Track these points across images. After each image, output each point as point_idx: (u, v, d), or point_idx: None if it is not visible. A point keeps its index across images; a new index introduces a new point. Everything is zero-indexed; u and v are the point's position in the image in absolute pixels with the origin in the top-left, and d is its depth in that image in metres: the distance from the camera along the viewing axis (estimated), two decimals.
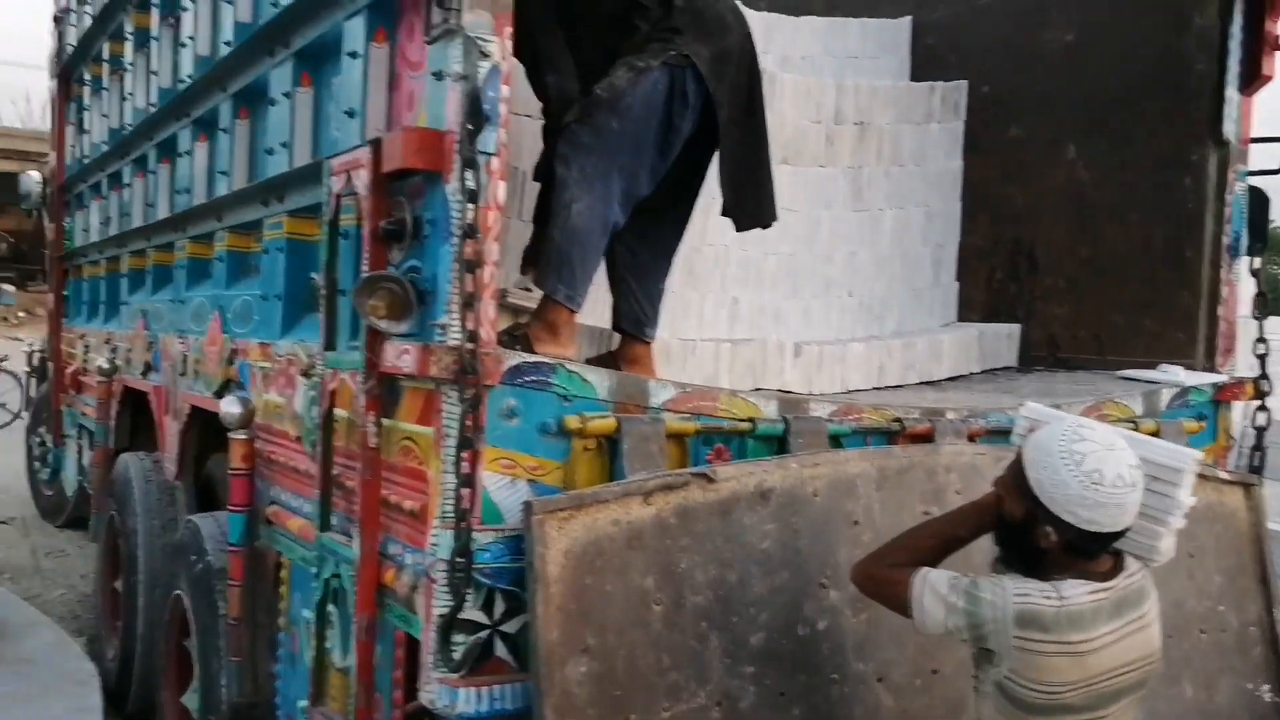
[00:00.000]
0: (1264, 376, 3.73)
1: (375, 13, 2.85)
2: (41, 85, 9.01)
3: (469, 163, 2.34)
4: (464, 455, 2.32)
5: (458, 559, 2.32)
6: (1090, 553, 2.18)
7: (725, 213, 3.26)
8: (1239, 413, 3.80)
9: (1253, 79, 3.72)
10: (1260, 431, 3.77)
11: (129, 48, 5.46)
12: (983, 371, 4.27)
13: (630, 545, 2.46)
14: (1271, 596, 3.48)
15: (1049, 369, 4.26)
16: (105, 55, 6.01)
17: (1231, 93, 3.73)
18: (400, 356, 2.46)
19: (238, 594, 3.42)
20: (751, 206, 3.28)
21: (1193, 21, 3.83)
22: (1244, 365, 3.88)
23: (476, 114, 2.36)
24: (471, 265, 2.33)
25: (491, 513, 2.45)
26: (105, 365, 5.52)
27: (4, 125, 25.93)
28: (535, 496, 2.44)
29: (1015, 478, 2.20)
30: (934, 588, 2.23)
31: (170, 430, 4.56)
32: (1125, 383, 3.73)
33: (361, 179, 2.64)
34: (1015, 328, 4.38)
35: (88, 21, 6.38)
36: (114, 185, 5.87)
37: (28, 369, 9.11)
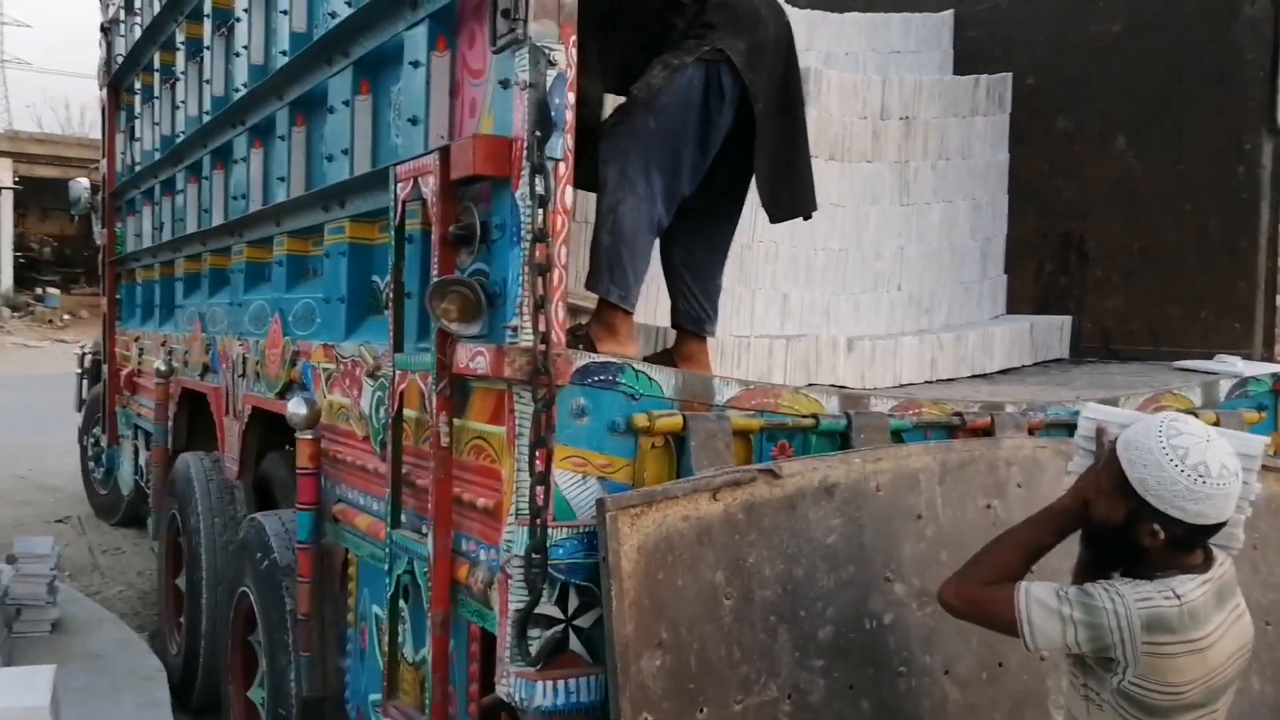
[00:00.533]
0: None
1: (437, 22, 2.92)
2: (81, 92, 9.17)
3: (538, 169, 2.39)
4: (538, 454, 2.37)
5: (533, 554, 2.38)
6: (1193, 547, 2.16)
7: (763, 205, 3.28)
8: None
9: None
10: None
11: (180, 57, 5.57)
12: (1034, 364, 4.28)
13: (700, 540, 2.50)
14: None
15: (1102, 361, 4.27)
16: (156, 65, 6.13)
17: None
18: (474, 359, 2.52)
19: (307, 590, 3.49)
20: (787, 198, 3.28)
21: (1242, 10, 3.83)
22: None
23: (545, 121, 2.41)
24: (542, 269, 2.38)
25: (564, 509, 2.50)
26: (163, 367, 5.63)
27: (45, 132, 26.34)
28: (606, 494, 2.49)
29: (1114, 480, 2.15)
30: (1041, 602, 2.17)
31: (231, 431, 4.65)
32: (1182, 374, 3.73)
33: (429, 185, 2.70)
34: (1066, 319, 4.39)
35: (137, 32, 6.50)
36: (166, 191, 5.98)
37: (79, 370, 9.28)
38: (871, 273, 4.21)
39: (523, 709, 2.45)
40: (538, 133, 2.40)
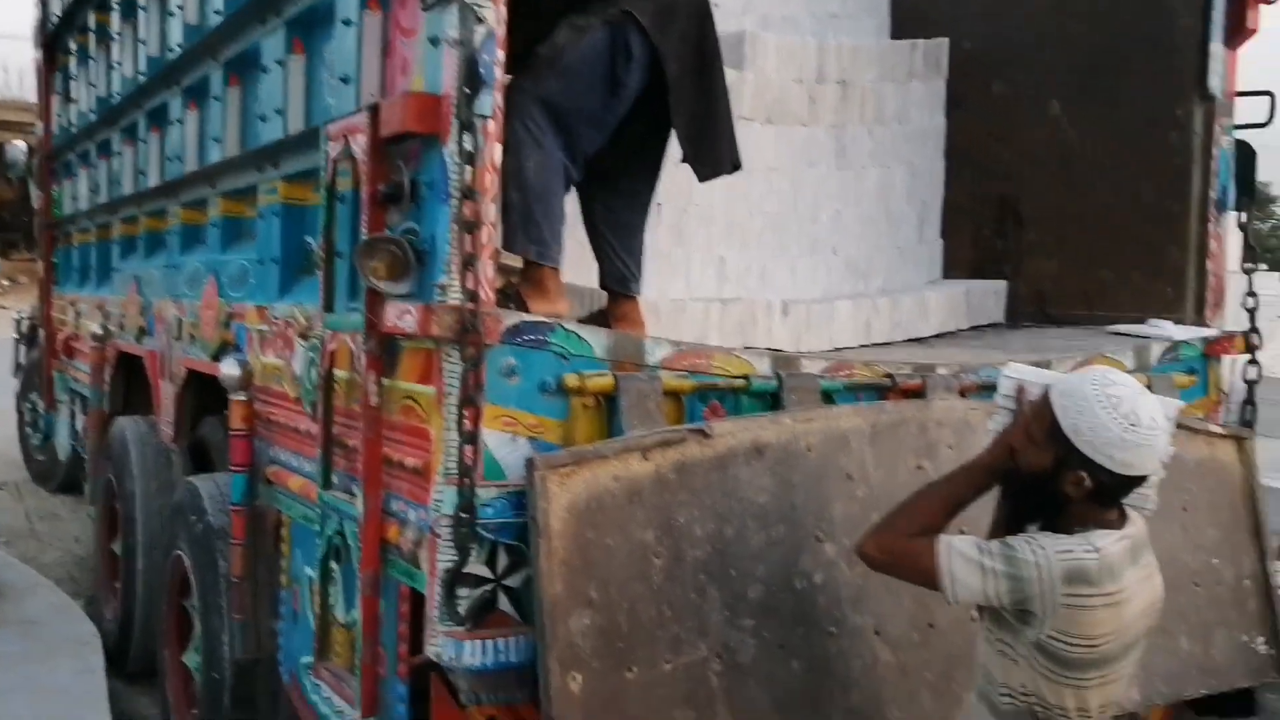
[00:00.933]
0: (1254, 330, 3.78)
1: None
2: (20, 55, 8.95)
3: (466, 126, 2.38)
4: (466, 413, 2.37)
5: (461, 514, 2.38)
6: (1114, 499, 2.20)
7: (685, 162, 3.28)
8: (1229, 367, 3.85)
9: (1237, 32, 3.75)
10: (1251, 385, 3.84)
11: (115, 17, 5.46)
12: (970, 328, 4.32)
13: (630, 500, 2.51)
14: (1265, 549, 3.54)
15: (1037, 325, 4.32)
16: (91, 25, 6.00)
17: (1216, 47, 3.76)
18: (402, 317, 2.50)
19: (240, 553, 3.47)
20: (710, 156, 3.28)
21: None
22: (1234, 319, 3.94)
23: (473, 78, 2.39)
24: (470, 226, 2.37)
25: (493, 469, 2.49)
26: (99, 331, 5.54)
27: None
28: (536, 453, 2.49)
29: (1045, 428, 2.18)
30: (963, 554, 2.19)
31: (166, 394, 4.59)
32: (1115, 338, 3.79)
33: (359, 144, 2.67)
34: (1002, 284, 4.43)
35: None
36: (103, 153, 5.86)
37: (16, 336, 9.11)
38: (808, 237, 4.22)
39: (451, 668, 2.46)
40: (466, 89, 2.39)
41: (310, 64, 3.33)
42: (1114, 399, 2.13)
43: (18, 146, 8.38)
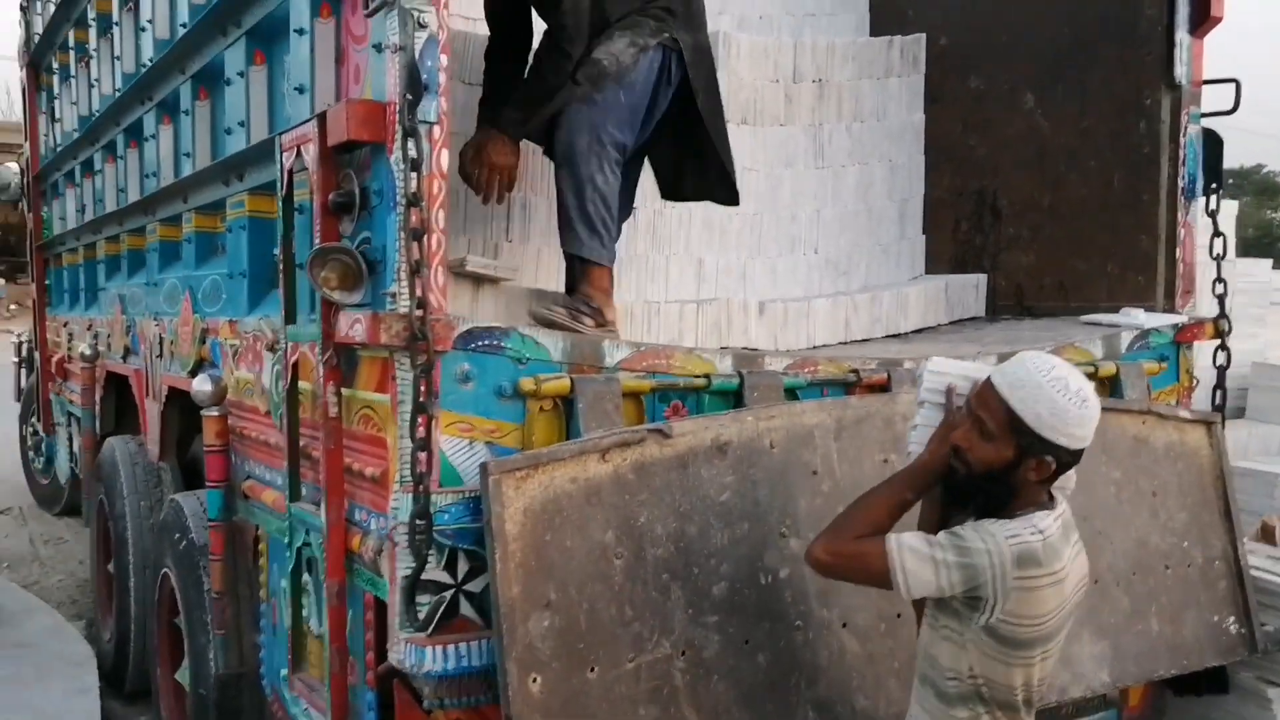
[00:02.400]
0: (1223, 316, 3.77)
1: None
2: (14, 76, 8.98)
3: (410, 132, 2.38)
4: (419, 420, 2.37)
5: (417, 521, 2.38)
6: (1058, 477, 2.26)
7: (702, 195, 3.55)
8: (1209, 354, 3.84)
9: (1202, 21, 3.73)
10: (1221, 370, 3.83)
11: (93, 34, 5.48)
12: (950, 323, 4.31)
13: (589, 501, 2.51)
14: (1235, 531, 3.55)
15: (1015, 317, 4.30)
16: (70, 43, 6.03)
17: (1182, 35, 3.74)
18: (353, 326, 2.51)
19: (219, 568, 3.48)
20: (726, 183, 3.50)
21: None
22: (1206, 306, 3.92)
23: (415, 84, 2.39)
24: (417, 233, 2.38)
25: (451, 475, 2.50)
26: (88, 351, 5.56)
27: None
28: (493, 458, 2.49)
29: (1002, 421, 2.20)
30: (913, 549, 2.22)
31: (151, 412, 4.61)
32: (1086, 327, 3.77)
33: (310, 153, 2.68)
34: (981, 278, 4.41)
35: (52, 10, 6.38)
36: (86, 172, 5.89)
37: (16, 360, 9.15)
38: (787, 236, 4.21)
39: (414, 674, 2.46)
40: (409, 96, 2.39)
41: (271, 74, 3.35)
42: (1062, 380, 2.19)
43: (10, 169, 8.43)
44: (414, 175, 2.38)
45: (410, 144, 2.38)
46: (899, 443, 2.96)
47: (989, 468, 2.24)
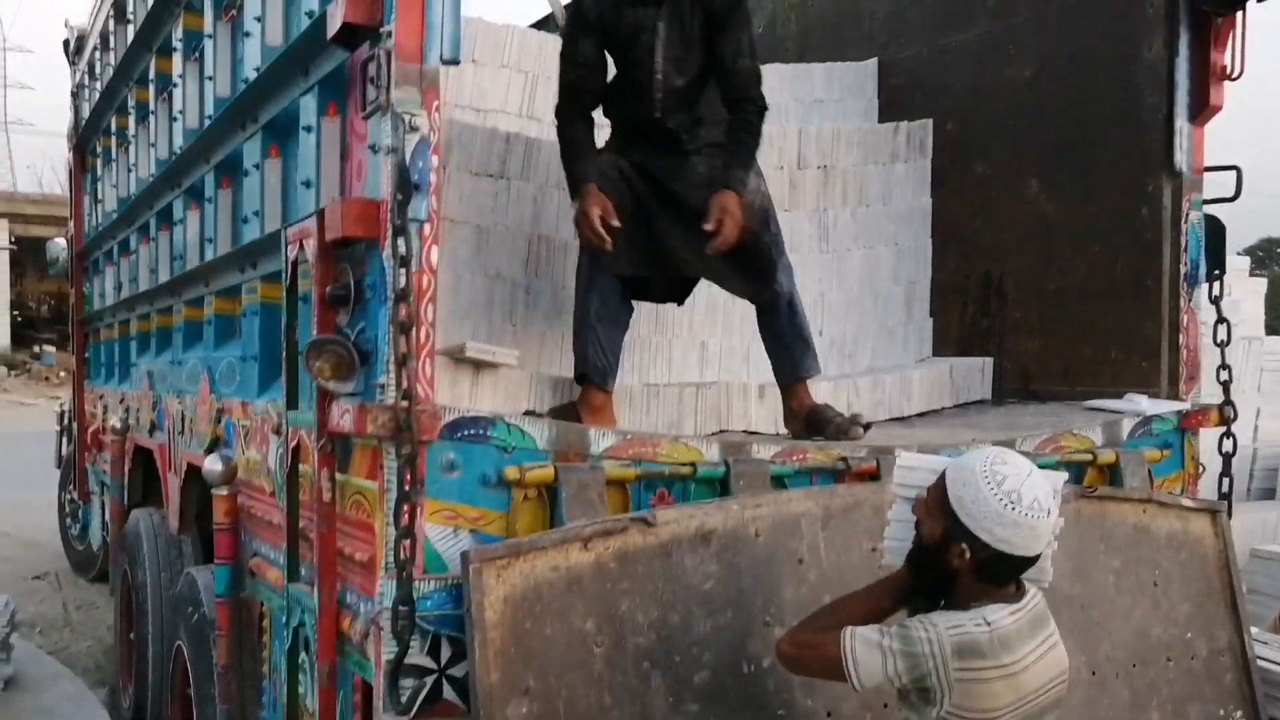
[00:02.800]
0: (1228, 403, 3.76)
1: (326, 88, 3.01)
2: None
3: (400, 230, 2.47)
4: (403, 508, 2.44)
5: (400, 606, 2.44)
6: (1001, 578, 2.27)
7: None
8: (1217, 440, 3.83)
9: (1202, 109, 3.78)
10: (1226, 458, 3.81)
11: (132, 121, 5.71)
12: (955, 406, 4.32)
13: (570, 590, 2.56)
14: (1242, 621, 3.51)
15: (1021, 401, 4.31)
16: (113, 128, 6.27)
17: (1182, 123, 3.79)
18: (342, 416, 2.59)
19: (225, 643, 3.55)
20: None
21: (1142, 54, 3.90)
22: (1210, 392, 3.91)
23: (406, 184, 2.49)
24: (404, 327, 2.46)
25: (435, 562, 2.56)
26: (118, 424, 5.71)
27: (42, 192, 26.81)
28: (475, 546, 2.54)
29: (937, 497, 2.29)
30: (864, 639, 2.27)
31: (172, 486, 4.72)
32: (1087, 413, 3.78)
33: (311, 247, 2.78)
34: (987, 361, 4.43)
35: (98, 96, 6.65)
36: (123, 252, 6.09)
37: (59, 428, 9.36)
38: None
39: None
40: (399, 195, 2.49)
41: (285, 167, 3.48)
42: (999, 476, 2.22)
43: (58, 244, 8.69)
44: (403, 271, 2.47)
45: (400, 241, 2.47)
46: None
47: (926, 542, 2.32)
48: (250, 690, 3.60)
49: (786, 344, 3.57)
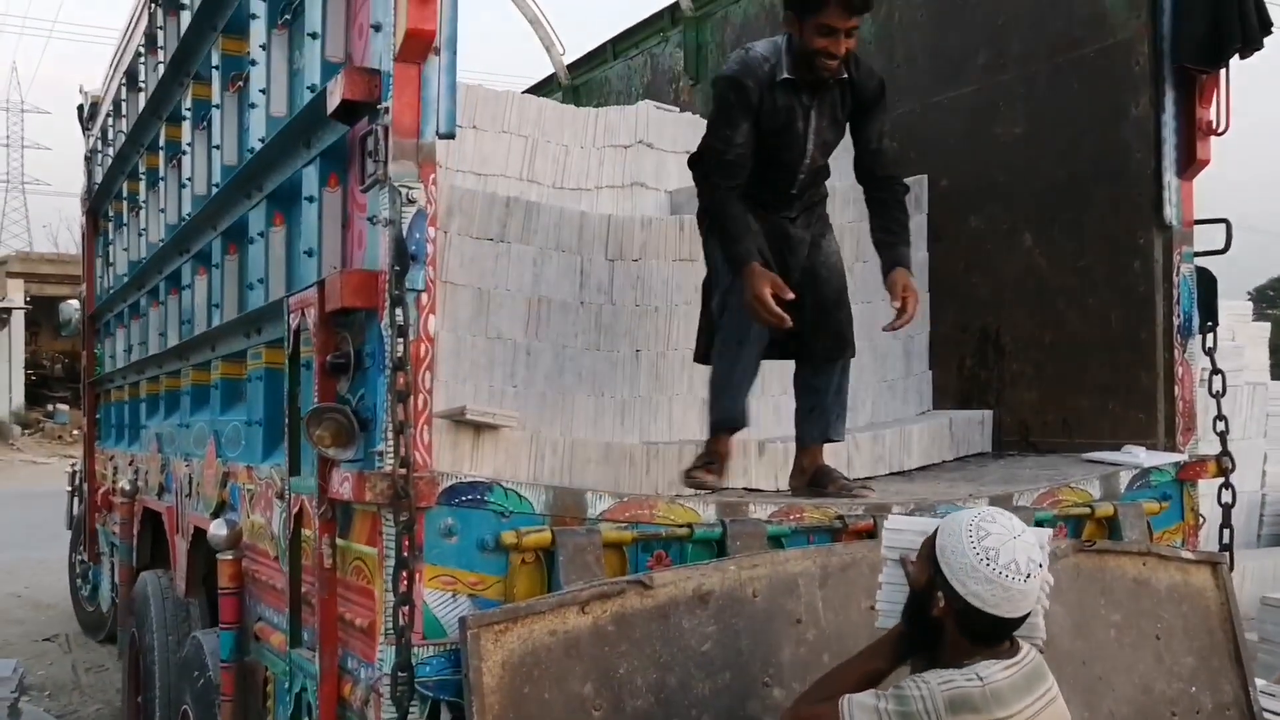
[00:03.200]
0: (1225, 454, 3.78)
1: (327, 160, 3.09)
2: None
3: (397, 300, 2.52)
4: (402, 574, 2.47)
5: (399, 673, 2.46)
6: (987, 636, 2.31)
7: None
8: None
9: (1189, 164, 3.83)
10: (1226, 509, 3.82)
11: (143, 187, 5.81)
12: (955, 459, 4.34)
13: (568, 654, 2.58)
14: (1247, 674, 3.50)
15: (1021, 454, 4.33)
16: (124, 193, 6.38)
17: (1170, 178, 3.85)
18: (342, 484, 2.63)
19: (229, 708, 3.57)
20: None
21: (1130, 111, 3.96)
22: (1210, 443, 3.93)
23: (403, 255, 2.55)
24: (402, 395, 2.50)
25: (434, 628, 2.58)
26: (127, 486, 5.76)
27: (57, 252, 27.13)
28: (473, 611, 2.57)
29: (927, 545, 2.37)
30: (860, 704, 2.32)
31: (180, 549, 4.75)
32: (1085, 465, 3.80)
33: (312, 316, 2.84)
34: (987, 414, 4.46)
35: (110, 161, 6.77)
36: (134, 314, 6.17)
37: (70, 488, 9.42)
38: (790, 376, 4.29)
39: None
40: (397, 267, 2.54)
41: (289, 235, 3.55)
42: (982, 533, 2.27)
43: (71, 306, 8.81)
44: (400, 341, 2.52)
45: (398, 311, 2.52)
46: None
47: (913, 587, 2.40)
48: None
49: (827, 405, 3.69)
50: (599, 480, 3.42)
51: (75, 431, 21.79)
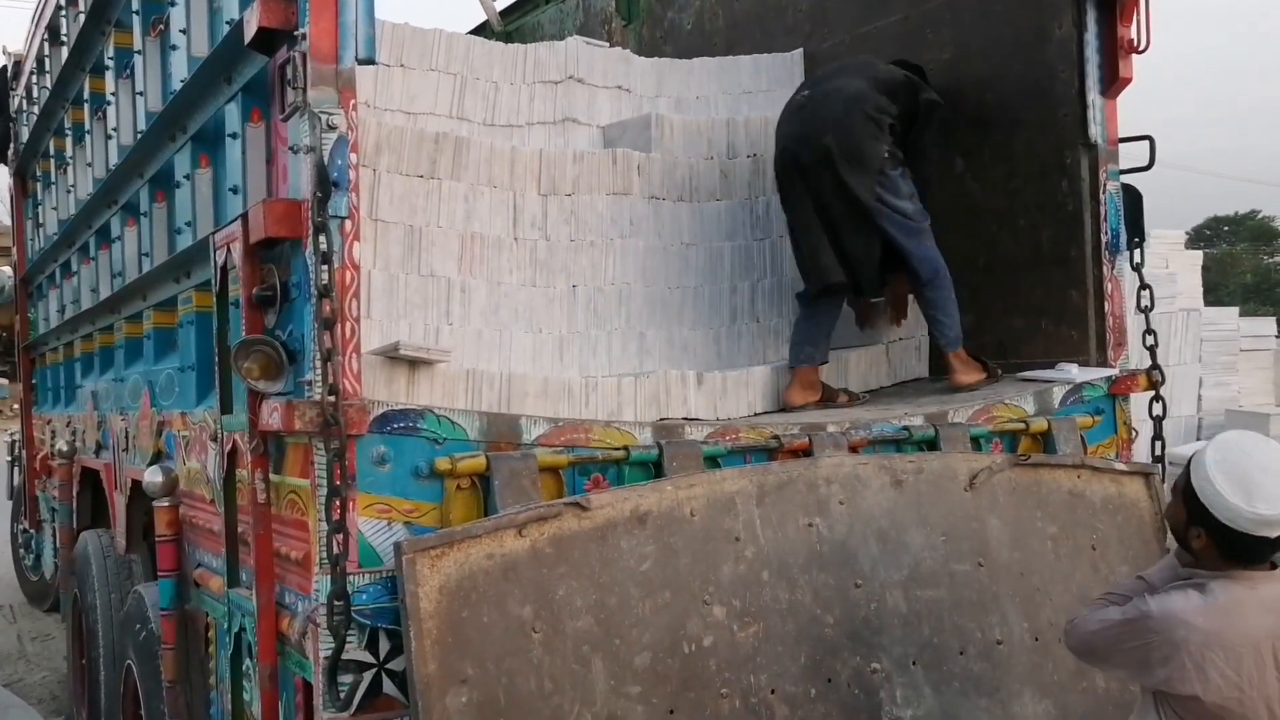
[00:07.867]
0: (1155, 367, 3.85)
1: (249, 95, 3.04)
2: None
3: (320, 228, 2.50)
4: (334, 503, 2.46)
5: (335, 602, 2.46)
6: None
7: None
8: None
9: (1112, 82, 3.86)
10: (1157, 421, 3.90)
11: (69, 142, 5.68)
12: (893, 385, 4.38)
13: (506, 577, 2.58)
14: None
15: None
16: (50, 151, 6.23)
17: (1094, 97, 3.87)
18: (271, 414, 2.60)
19: (170, 656, 3.55)
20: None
21: (1052, 32, 3.98)
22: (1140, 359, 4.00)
23: (324, 181, 2.52)
24: (328, 323, 2.48)
25: (370, 556, 2.58)
26: (64, 448, 5.67)
27: None
28: (410, 537, 2.57)
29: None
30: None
31: (119, 505, 4.69)
32: (1020, 384, 3.85)
33: (237, 250, 2.80)
34: (924, 338, 4.49)
35: (35, 119, 6.61)
36: (65, 274, 6.06)
37: (9, 458, 9.27)
38: (729, 307, 4.30)
39: None
40: (319, 193, 2.51)
41: (215, 176, 3.49)
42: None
43: (4, 273, 8.62)
44: (324, 268, 2.49)
45: (321, 238, 2.49)
46: (824, 506, 3.03)
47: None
48: (199, 704, 3.59)
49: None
50: (537, 413, 3.41)
51: (15, 405, 21.36)
